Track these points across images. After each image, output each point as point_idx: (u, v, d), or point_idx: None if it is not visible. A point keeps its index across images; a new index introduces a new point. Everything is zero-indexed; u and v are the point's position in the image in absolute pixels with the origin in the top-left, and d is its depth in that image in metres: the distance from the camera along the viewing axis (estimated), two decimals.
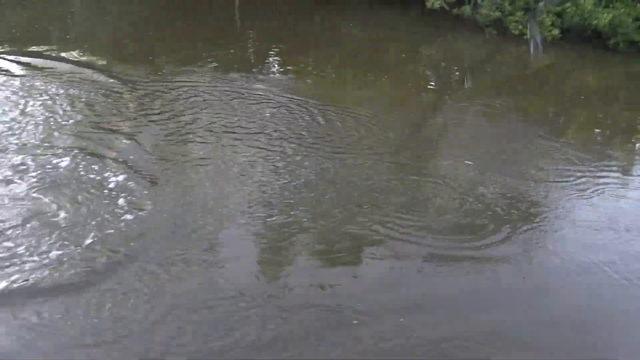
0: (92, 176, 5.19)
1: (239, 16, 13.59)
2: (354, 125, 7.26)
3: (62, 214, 4.58)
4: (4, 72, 7.68)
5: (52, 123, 6.29)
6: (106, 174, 5.25)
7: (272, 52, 10.95)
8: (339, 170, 6.03)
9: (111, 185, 5.07)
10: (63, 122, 6.35)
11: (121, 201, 4.82)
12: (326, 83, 8.63)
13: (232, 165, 5.90)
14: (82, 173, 5.23)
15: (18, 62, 8.19)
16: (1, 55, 8.44)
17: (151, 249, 4.38)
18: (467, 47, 13.35)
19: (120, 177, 5.22)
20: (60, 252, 4.12)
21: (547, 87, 11.21)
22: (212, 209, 5.00)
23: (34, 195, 4.79)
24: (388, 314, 4.05)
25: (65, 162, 5.36)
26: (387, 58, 11.64)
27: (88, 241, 4.30)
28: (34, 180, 5.01)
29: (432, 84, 10.77)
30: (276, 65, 10.30)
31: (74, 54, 8.83)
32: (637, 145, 8.81)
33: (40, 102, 6.73)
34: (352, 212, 5.27)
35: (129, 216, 4.62)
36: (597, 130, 9.17)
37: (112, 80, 7.74)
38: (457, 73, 11.56)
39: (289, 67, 10.18)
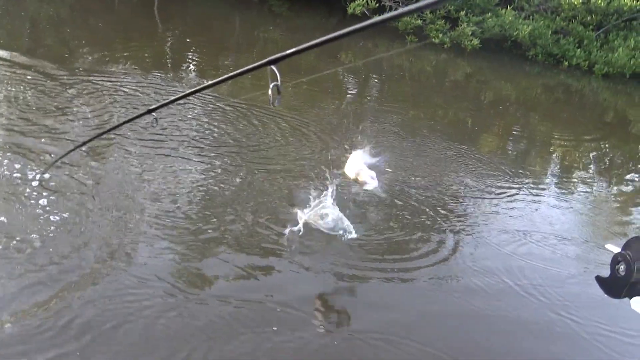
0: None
1: (159, 17, 13.01)
2: (272, 130, 6.81)
3: None
4: None
5: None
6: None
7: (191, 53, 10.36)
8: (258, 175, 5.61)
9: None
10: None
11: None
12: (245, 85, 8.16)
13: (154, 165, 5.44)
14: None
15: None
16: None
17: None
18: (387, 55, 13.09)
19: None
20: None
21: (465, 96, 11.02)
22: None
23: None
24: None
25: None
26: (305, 63, 11.17)
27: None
28: None
29: (351, 91, 10.36)
30: (195, 66, 9.77)
31: None
32: (552, 156, 8.68)
33: None
34: (270, 218, 4.87)
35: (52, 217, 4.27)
36: (514, 141, 9.02)
37: (29, 76, 7.02)
38: (376, 80, 11.21)
39: (207, 68, 9.65)
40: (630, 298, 2.11)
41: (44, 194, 4.51)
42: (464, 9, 13.50)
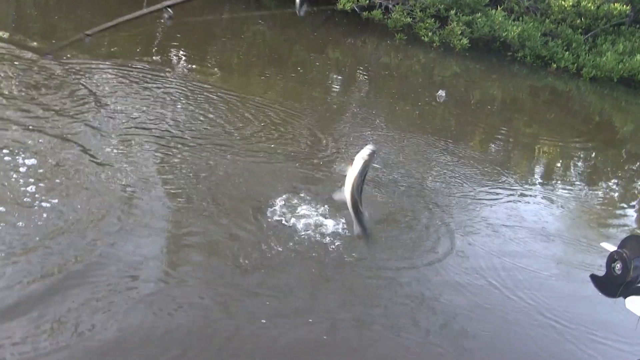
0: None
1: (146, 4, 12.79)
2: (257, 124, 6.67)
3: None
4: None
5: None
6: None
7: (177, 42, 10.16)
8: (251, 167, 5.54)
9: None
10: None
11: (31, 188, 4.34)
12: (236, 78, 8.05)
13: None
14: None
15: None
16: None
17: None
18: (375, 52, 13.00)
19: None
20: None
21: (453, 96, 10.95)
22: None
23: None
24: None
25: None
26: (294, 57, 11.07)
27: None
28: None
29: (336, 87, 10.25)
30: (182, 56, 9.59)
31: None
32: (539, 156, 8.65)
33: None
34: (258, 208, 4.81)
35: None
36: (501, 141, 8.97)
37: (16, 62, 6.78)
38: (365, 77, 11.11)
39: (195, 58, 9.48)
40: (625, 297, 2.03)
41: (31, 180, 4.39)
42: (453, 8, 13.45)
